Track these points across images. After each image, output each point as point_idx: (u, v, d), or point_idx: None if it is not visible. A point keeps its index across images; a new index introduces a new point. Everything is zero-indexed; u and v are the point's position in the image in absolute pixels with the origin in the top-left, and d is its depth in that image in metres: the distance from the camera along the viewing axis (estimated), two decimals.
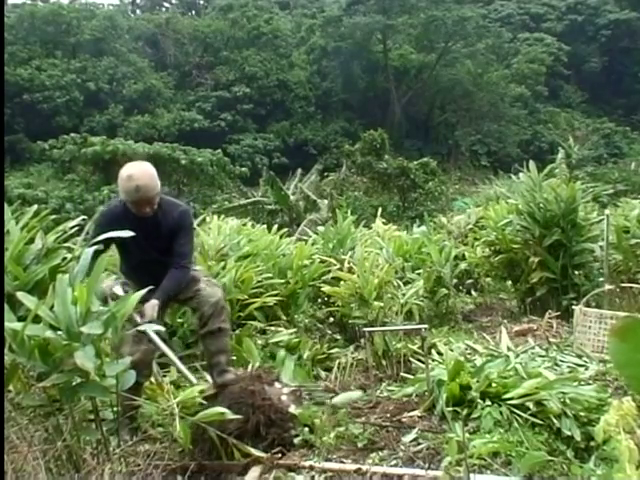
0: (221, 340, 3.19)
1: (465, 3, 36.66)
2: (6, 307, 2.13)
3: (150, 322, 2.84)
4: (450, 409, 2.94)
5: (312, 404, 3.16)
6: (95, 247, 2.42)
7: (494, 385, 3.02)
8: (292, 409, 2.95)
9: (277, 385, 3.15)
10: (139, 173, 3.03)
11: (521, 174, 6.27)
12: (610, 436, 1.41)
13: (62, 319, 2.09)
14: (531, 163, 6.22)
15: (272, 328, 4.51)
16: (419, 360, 4.00)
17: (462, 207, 15.69)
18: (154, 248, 3.13)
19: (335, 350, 4.53)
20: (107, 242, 2.73)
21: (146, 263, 3.12)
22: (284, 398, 3.01)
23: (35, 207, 3.70)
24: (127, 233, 2.60)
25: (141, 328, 2.78)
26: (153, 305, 2.94)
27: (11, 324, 2.06)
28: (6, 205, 3.52)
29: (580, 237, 5.61)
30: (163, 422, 2.92)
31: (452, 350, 3.94)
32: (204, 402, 2.78)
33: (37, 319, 2.11)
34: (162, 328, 2.95)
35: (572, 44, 38.50)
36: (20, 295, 2.20)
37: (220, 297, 3.27)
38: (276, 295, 4.73)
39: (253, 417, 2.74)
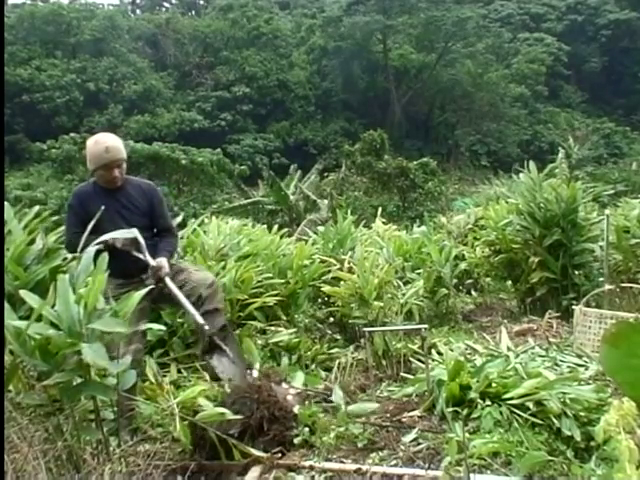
0: (218, 320, 3.25)
1: (465, 3, 36.68)
2: (7, 306, 2.13)
3: (168, 274, 3.07)
4: (450, 409, 2.94)
5: (319, 409, 3.15)
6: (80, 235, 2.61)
7: (494, 385, 3.01)
8: (296, 410, 2.96)
9: (284, 385, 3.17)
10: (105, 137, 3.19)
11: (521, 174, 6.27)
12: (610, 436, 1.41)
13: (64, 318, 2.09)
14: (531, 163, 6.22)
15: (272, 328, 4.51)
16: (419, 360, 4.00)
17: (462, 207, 15.69)
18: (128, 224, 3.15)
19: (335, 350, 4.53)
20: (84, 226, 2.80)
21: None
22: (290, 398, 3.02)
23: (37, 208, 3.71)
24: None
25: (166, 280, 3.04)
26: (162, 260, 3.10)
27: (14, 322, 2.06)
28: (9, 206, 3.52)
29: (580, 237, 5.61)
30: (163, 422, 2.91)
31: (452, 350, 3.94)
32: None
33: (38, 318, 2.12)
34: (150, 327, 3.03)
35: (572, 44, 38.53)
36: (23, 293, 2.20)
37: (213, 279, 3.36)
38: (276, 295, 4.73)
39: (257, 412, 2.75)
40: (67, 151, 20.44)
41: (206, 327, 3.12)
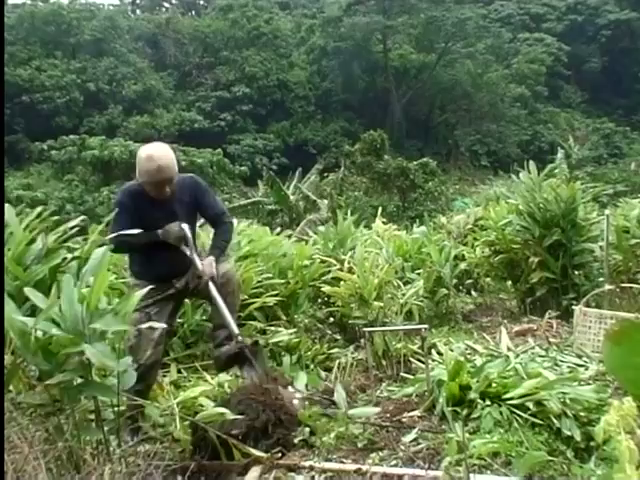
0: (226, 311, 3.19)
1: (465, 3, 36.68)
2: (12, 304, 2.13)
3: (213, 278, 3.01)
4: (450, 409, 2.94)
5: (321, 411, 3.15)
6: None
7: (494, 385, 3.02)
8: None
9: (290, 389, 3.16)
10: (159, 153, 3.00)
11: (521, 174, 6.26)
12: (610, 436, 1.41)
13: (68, 317, 2.10)
14: (531, 163, 6.22)
15: (272, 328, 4.51)
16: (419, 360, 4.00)
17: (462, 207, 15.69)
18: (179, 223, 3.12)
19: (335, 350, 4.53)
20: (134, 225, 2.77)
21: (166, 248, 3.08)
22: (295, 402, 3.01)
23: (39, 209, 3.71)
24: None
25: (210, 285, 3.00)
26: (210, 261, 3.05)
27: (20, 318, 2.06)
28: (10, 207, 3.53)
29: (580, 237, 5.61)
30: (163, 422, 2.92)
31: (452, 350, 3.94)
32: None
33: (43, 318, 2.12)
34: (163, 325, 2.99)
35: (572, 44, 38.53)
36: (28, 291, 2.21)
37: (229, 268, 3.30)
38: (276, 295, 4.73)
39: (263, 414, 2.74)
40: (67, 152, 20.44)
41: (240, 338, 3.07)
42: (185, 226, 3.05)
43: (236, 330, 3.07)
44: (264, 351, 3.54)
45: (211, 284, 3.02)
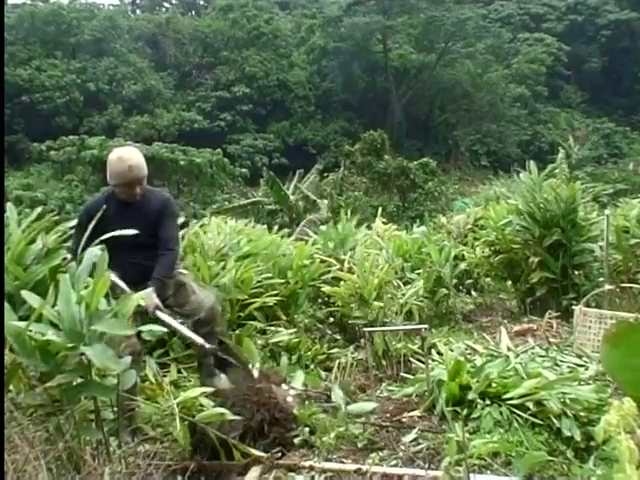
0: (213, 338, 3.23)
1: (465, 3, 36.69)
2: (7, 306, 2.13)
3: (157, 307, 2.98)
4: (450, 409, 2.94)
5: (319, 409, 3.15)
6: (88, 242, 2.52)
7: (494, 385, 3.02)
8: (296, 411, 2.96)
9: (284, 387, 3.16)
10: (129, 154, 3.12)
11: (521, 174, 6.26)
12: (610, 436, 1.41)
13: (65, 318, 2.09)
14: (531, 163, 6.22)
15: (272, 328, 4.51)
16: (419, 360, 4.00)
17: (462, 207, 15.68)
18: (141, 236, 3.05)
19: (335, 350, 4.53)
20: (95, 235, 2.74)
21: (131, 253, 3.10)
22: (290, 399, 3.01)
23: (40, 209, 3.72)
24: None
25: (157, 314, 2.95)
26: (149, 293, 3.00)
27: (14, 322, 2.06)
28: (12, 206, 3.53)
29: (580, 237, 5.61)
30: (163, 422, 2.91)
31: (452, 350, 3.94)
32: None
33: (38, 319, 2.11)
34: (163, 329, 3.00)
35: (572, 44, 38.53)
36: (24, 293, 2.20)
37: (214, 301, 3.35)
38: (276, 295, 4.73)
39: (258, 414, 2.75)
40: (67, 152, 20.44)
41: (207, 346, 3.08)
42: (112, 276, 3.00)
43: (200, 340, 3.06)
44: (229, 341, 3.55)
45: (159, 314, 3.00)
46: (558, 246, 5.55)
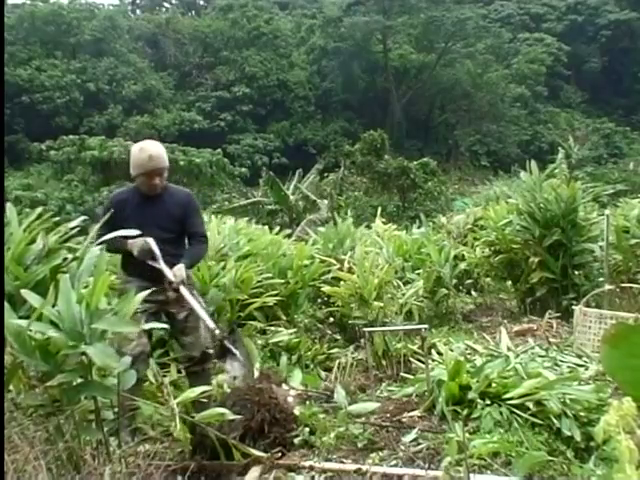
0: (204, 378, 3.26)
1: (465, 3, 36.68)
2: (7, 306, 2.13)
3: (182, 282, 3.08)
4: (450, 409, 2.94)
5: (320, 409, 3.15)
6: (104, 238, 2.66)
7: (494, 385, 3.02)
8: (296, 411, 2.96)
9: (284, 387, 3.16)
10: (150, 145, 3.26)
11: (522, 174, 6.26)
12: (610, 436, 1.41)
13: (66, 318, 2.09)
14: (532, 163, 6.21)
15: (272, 328, 4.51)
16: (419, 360, 4.00)
17: (462, 207, 15.68)
18: (162, 230, 3.22)
19: (335, 350, 4.53)
20: (114, 229, 2.84)
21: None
22: (290, 400, 3.01)
23: (40, 209, 3.72)
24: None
25: (181, 289, 3.06)
26: (180, 268, 3.12)
27: (15, 321, 2.06)
28: (12, 206, 3.53)
29: (580, 237, 5.61)
30: (163, 422, 2.91)
31: (452, 350, 3.94)
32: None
33: (39, 318, 2.11)
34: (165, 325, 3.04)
35: (572, 44, 38.51)
36: (24, 293, 2.20)
37: (209, 343, 3.35)
38: (276, 295, 4.73)
39: (258, 415, 2.74)
40: (67, 152, 20.43)
41: (217, 331, 3.13)
42: (150, 240, 3.10)
43: (212, 325, 3.12)
44: (241, 335, 3.58)
45: (182, 288, 3.10)
46: (558, 246, 5.55)
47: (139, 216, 3.15)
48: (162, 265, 3.12)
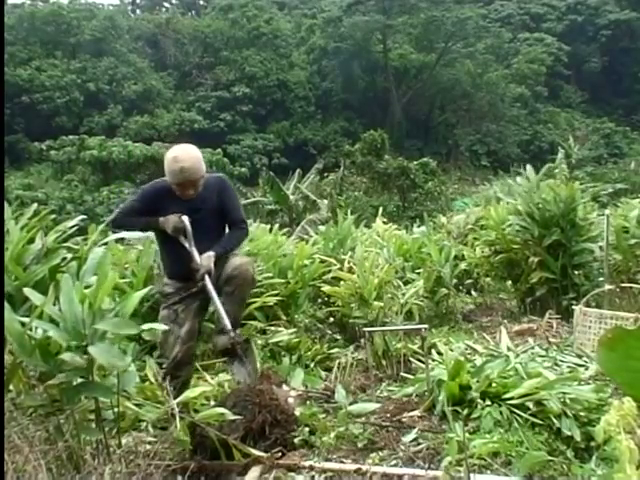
0: (233, 304, 3.18)
1: (465, 3, 36.69)
2: (7, 305, 2.12)
3: (209, 272, 3.02)
4: (450, 409, 2.94)
5: (319, 409, 3.15)
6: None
7: (494, 385, 3.02)
8: (297, 412, 2.96)
9: (285, 387, 3.16)
10: (184, 155, 3.11)
11: (518, 178, 6.28)
12: (610, 436, 1.41)
13: (68, 317, 2.09)
14: (528, 167, 6.23)
15: (272, 328, 4.51)
16: (419, 360, 3.99)
17: (462, 207, 15.69)
18: (200, 225, 3.15)
19: (335, 350, 4.53)
20: (145, 215, 2.97)
21: (196, 242, 3.13)
22: (291, 400, 3.01)
23: (34, 206, 3.71)
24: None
25: (206, 278, 3.02)
26: (210, 256, 3.06)
27: (16, 318, 2.06)
28: (8, 205, 3.53)
29: (580, 237, 5.60)
30: (163, 422, 2.91)
31: (452, 350, 3.94)
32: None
33: (39, 317, 2.11)
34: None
35: (572, 44, 38.53)
36: (27, 291, 2.20)
37: (244, 263, 3.24)
38: (276, 295, 4.72)
39: (259, 416, 2.74)
40: (67, 152, 20.44)
41: (232, 334, 3.08)
42: (185, 218, 3.08)
43: (229, 325, 3.08)
44: (255, 350, 3.55)
45: (207, 277, 3.04)
46: (558, 246, 5.55)
47: (174, 208, 3.10)
48: (192, 248, 3.08)
